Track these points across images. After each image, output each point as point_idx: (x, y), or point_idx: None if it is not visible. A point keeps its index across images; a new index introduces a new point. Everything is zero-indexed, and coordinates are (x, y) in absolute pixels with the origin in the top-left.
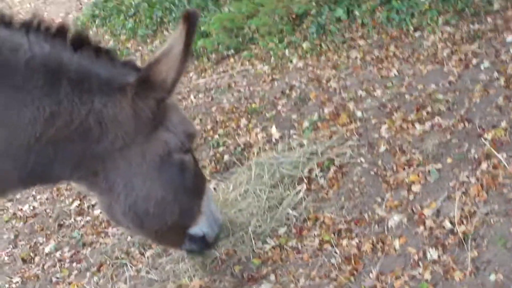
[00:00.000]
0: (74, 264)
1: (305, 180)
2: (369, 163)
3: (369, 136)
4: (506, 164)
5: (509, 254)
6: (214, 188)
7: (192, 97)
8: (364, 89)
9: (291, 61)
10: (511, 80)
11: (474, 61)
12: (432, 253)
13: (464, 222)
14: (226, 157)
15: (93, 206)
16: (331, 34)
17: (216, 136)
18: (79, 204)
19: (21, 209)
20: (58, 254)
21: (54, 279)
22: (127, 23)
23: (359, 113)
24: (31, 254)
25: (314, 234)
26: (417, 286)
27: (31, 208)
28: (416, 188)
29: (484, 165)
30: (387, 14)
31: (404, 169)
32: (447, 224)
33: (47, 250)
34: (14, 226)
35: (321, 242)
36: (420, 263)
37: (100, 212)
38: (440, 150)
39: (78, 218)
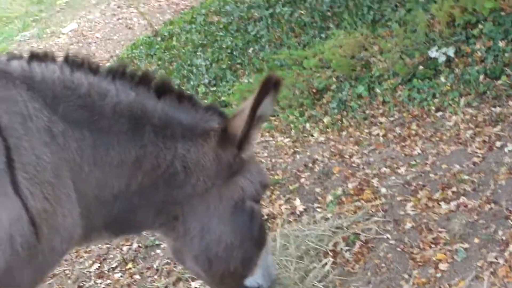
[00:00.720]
0: None
1: (331, 254)
2: (395, 239)
3: (395, 213)
4: None
5: None
6: None
7: None
8: (387, 166)
9: (312, 135)
10: None
11: (498, 143)
12: None
13: None
14: None
15: (113, 269)
16: (352, 110)
17: None
18: (99, 267)
19: None
20: None
21: None
22: None
23: (383, 190)
24: None
25: None
26: None
27: None
28: (443, 266)
29: None
30: (408, 93)
31: (430, 247)
32: None
33: None
34: None
35: None
36: None
37: (121, 276)
38: (467, 230)
39: (98, 281)
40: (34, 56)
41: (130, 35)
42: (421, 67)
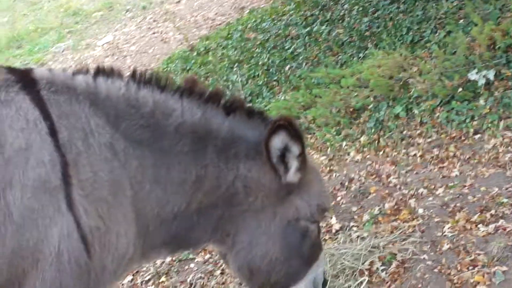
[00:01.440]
0: None
1: (366, 273)
2: (432, 260)
3: (432, 234)
4: None
5: None
6: None
7: None
8: (425, 187)
9: (348, 154)
10: None
11: None
12: None
13: None
14: None
15: (146, 282)
16: (389, 130)
17: None
18: (132, 279)
19: None
20: None
21: None
22: None
23: (420, 210)
24: None
25: None
26: None
27: None
28: None
29: None
30: (446, 115)
31: (468, 269)
32: None
33: None
34: None
35: None
36: None
37: None
38: (506, 253)
39: None
40: (100, 71)
41: (166, 49)
42: (460, 89)
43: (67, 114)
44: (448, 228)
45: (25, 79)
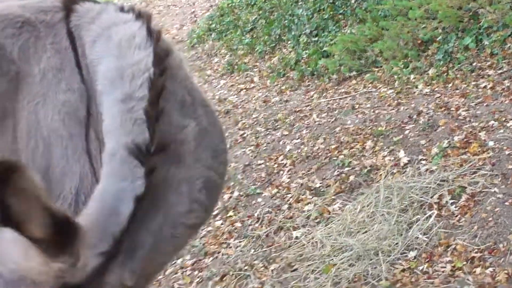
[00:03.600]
0: (196, 272)
1: (435, 206)
2: (503, 193)
3: (503, 167)
4: None
5: None
6: (340, 209)
7: (314, 116)
8: (496, 119)
9: (416, 87)
10: None
11: None
12: None
13: None
14: (351, 177)
15: (214, 216)
16: (459, 62)
17: (341, 156)
18: None
19: None
20: (179, 261)
21: (176, 286)
22: (244, 38)
23: (491, 143)
24: None
25: (446, 260)
26: None
27: None
28: None
29: None
30: None
31: None
32: None
33: None
34: None
35: (453, 268)
36: None
37: (222, 223)
38: None
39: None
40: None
41: None
42: None
43: (87, 54)
44: None
45: (67, 8)
